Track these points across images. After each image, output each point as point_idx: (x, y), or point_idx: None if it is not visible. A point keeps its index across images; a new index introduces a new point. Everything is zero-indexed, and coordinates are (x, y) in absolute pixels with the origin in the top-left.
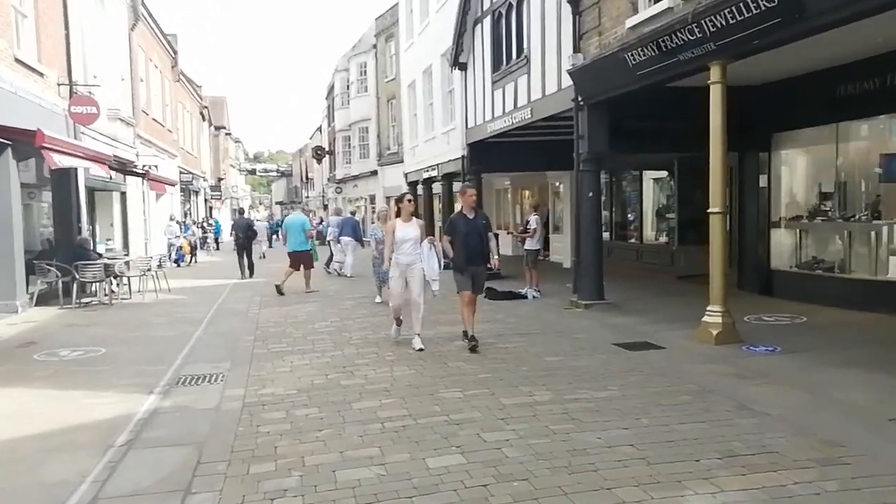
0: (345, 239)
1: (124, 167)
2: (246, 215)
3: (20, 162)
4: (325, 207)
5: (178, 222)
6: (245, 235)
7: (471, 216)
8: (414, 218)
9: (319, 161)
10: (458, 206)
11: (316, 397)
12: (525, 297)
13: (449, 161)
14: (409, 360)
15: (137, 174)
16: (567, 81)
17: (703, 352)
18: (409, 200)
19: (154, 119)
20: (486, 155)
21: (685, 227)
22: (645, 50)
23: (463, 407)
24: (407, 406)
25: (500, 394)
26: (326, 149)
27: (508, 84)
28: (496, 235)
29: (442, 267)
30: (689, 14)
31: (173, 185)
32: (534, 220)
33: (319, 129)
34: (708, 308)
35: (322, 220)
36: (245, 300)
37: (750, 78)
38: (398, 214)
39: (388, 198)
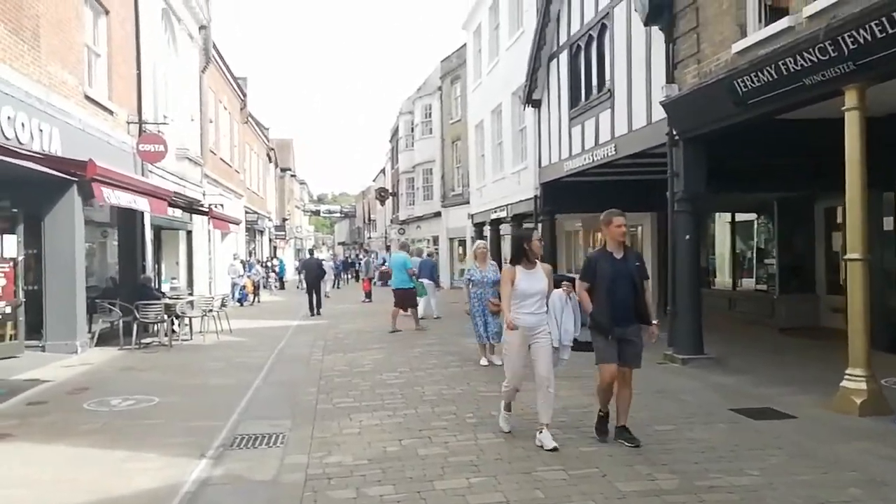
0: (424, 281)
1: (190, 206)
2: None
3: (90, 200)
4: (388, 248)
5: (242, 261)
6: (315, 275)
7: (618, 255)
8: (540, 263)
9: (383, 202)
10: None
11: (390, 471)
12: None
13: (520, 202)
14: (494, 425)
15: (202, 212)
16: (658, 115)
17: (846, 424)
18: (540, 240)
19: (222, 159)
20: (560, 195)
21: (787, 273)
22: (759, 76)
23: (571, 493)
24: (501, 489)
25: (614, 475)
26: (390, 190)
27: (588, 120)
28: (571, 281)
29: (578, 328)
30: (820, 32)
31: (237, 223)
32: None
33: (383, 171)
34: (847, 371)
35: (384, 261)
36: (307, 344)
37: (873, 108)
38: (518, 259)
39: (473, 233)
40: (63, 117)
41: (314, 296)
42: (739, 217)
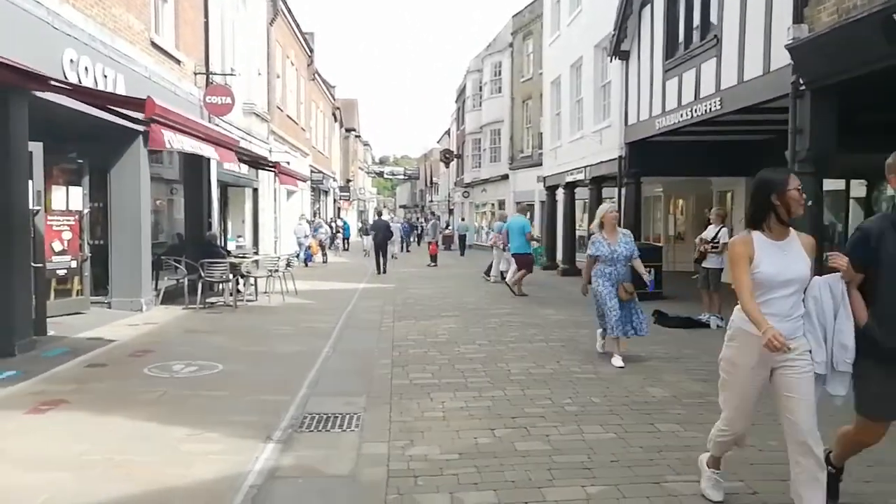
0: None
1: (257, 161)
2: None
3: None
4: (451, 212)
5: (308, 221)
6: (383, 236)
7: None
8: (794, 232)
9: (447, 164)
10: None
11: (487, 471)
12: (707, 325)
13: (600, 163)
14: (600, 415)
15: (269, 166)
16: (778, 62)
17: None
18: (799, 191)
19: (288, 116)
20: (648, 156)
21: None
22: None
23: None
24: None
25: (765, 492)
26: (455, 152)
27: (687, 72)
28: (656, 249)
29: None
30: None
31: (304, 180)
32: (724, 234)
33: (448, 132)
34: None
35: (448, 225)
36: (377, 309)
37: None
38: (759, 221)
39: (545, 196)
40: (128, 63)
41: (381, 256)
42: (827, 185)
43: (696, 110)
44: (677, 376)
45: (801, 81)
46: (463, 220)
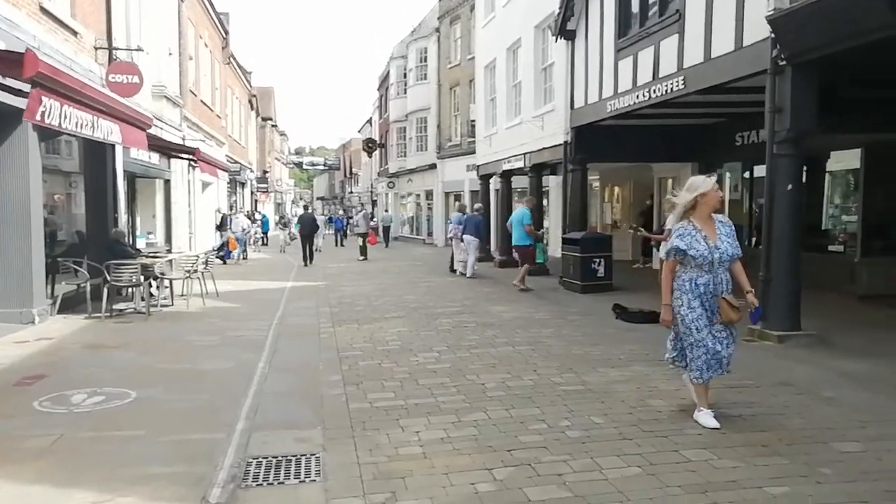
0: (468, 237)
1: (170, 148)
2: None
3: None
4: (374, 203)
5: (246, 214)
6: (310, 228)
7: None
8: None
9: (370, 154)
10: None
11: None
12: None
13: (542, 149)
14: (611, 441)
15: (186, 151)
16: (753, 37)
17: None
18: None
19: (203, 101)
20: (595, 141)
21: (872, 234)
22: None
23: None
24: None
25: None
26: (378, 141)
27: (644, 50)
28: (606, 239)
29: None
30: None
31: (227, 170)
32: (669, 220)
33: (370, 121)
34: None
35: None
36: (311, 312)
37: None
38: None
39: (478, 186)
40: (10, 30)
41: (308, 248)
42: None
43: (655, 91)
44: (672, 384)
45: (783, 56)
46: (386, 211)
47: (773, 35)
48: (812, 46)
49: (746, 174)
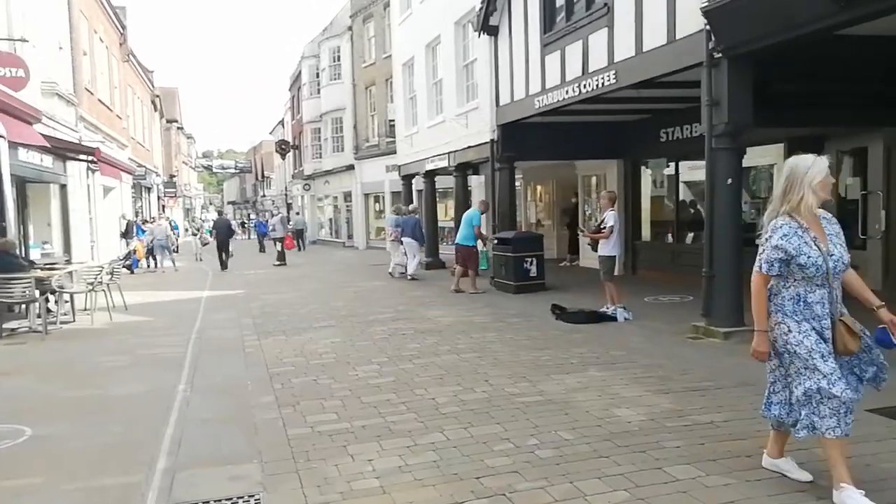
0: (406, 240)
1: (66, 151)
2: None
3: None
4: (289, 207)
5: (168, 220)
6: (225, 234)
7: None
8: None
9: (284, 156)
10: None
11: None
12: (613, 318)
13: (467, 148)
14: (587, 460)
15: (85, 152)
16: (687, 29)
17: None
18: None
19: (101, 101)
20: (523, 139)
21: None
22: None
23: None
24: None
25: None
26: (292, 143)
27: (571, 45)
28: (537, 238)
29: None
30: None
31: (131, 172)
32: (611, 218)
33: (282, 122)
34: None
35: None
36: (233, 323)
37: None
38: None
39: (401, 187)
40: None
41: (224, 254)
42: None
43: (585, 86)
44: (632, 389)
45: (719, 48)
46: (298, 213)
47: (708, 27)
48: (748, 39)
49: (671, 170)
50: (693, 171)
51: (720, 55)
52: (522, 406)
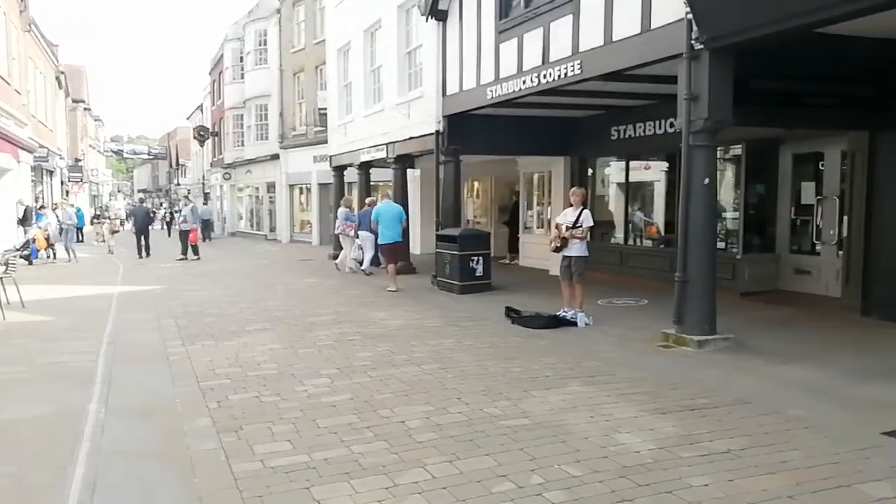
0: (363, 234)
1: None
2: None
3: None
4: (206, 196)
5: (71, 204)
6: (143, 222)
7: None
8: None
9: (202, 143)
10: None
11: None
12: (573, 322)
13: (409, 139)
14: (606, 502)
15: None
16: (662, 19)
17: None
18: None
19: None
20: (469, 131)
21: (751, 231)
22: None
23: None
24: None
25: None
26: (211, 130)
27: (530, 32)
28: (484, 236)
29: None
30: None
31: (31, 150)
32: (588, 217)
33: (200, 107)
34: None
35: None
36: (152, 325)
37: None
38: None
39: (332, 178)
40: None
41: (143, 240)
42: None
43: (545, 76)
44: (625, 409)
45: (700, 40)
46: (205, 203)
47: (689, 16)
48: (734, 30)
49: (621, 169)
50: (641, 171)
51: (701, 46)
52: (510, 432)
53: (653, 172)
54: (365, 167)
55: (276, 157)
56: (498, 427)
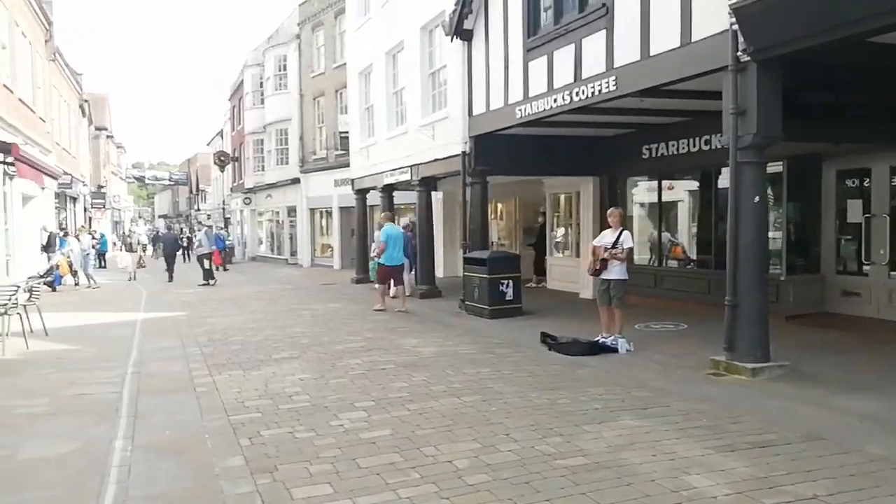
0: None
1: None
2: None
3: None
4: (227, 221)
5: (90, 232)
6: (172, 247)
7: None
8: None
9: (223, 168)
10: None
11: None
12: (614, 349)
13: (434, 161)
14: None
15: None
16: (705, 31)
17: None
18: None
19: (21, 100)
20: (496, 152)
21: (795, 251)
22: None
23: None
24: None
25: None
26: (232, 154)
27: (560, 49)
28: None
29: None
30: None
31: (55, 177)
32: (628, 238)
33: (220, 133)
34: None
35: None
36: (177, 353)
37: None
38: None
39: (354, 202)
40: None
41: (170, 266)
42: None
43: (578, 93)
44: (688, 446)
45: (747, 51)
46: (223, 228)
47: (734, 27)
48: (782, 40)
49: (653, 189)
50: (672, 191)
51: (748, 58)
52: (568, 473)
53: (685, 192)
54: (388, 190)
55: (296, 181)
56: (554, 468)
